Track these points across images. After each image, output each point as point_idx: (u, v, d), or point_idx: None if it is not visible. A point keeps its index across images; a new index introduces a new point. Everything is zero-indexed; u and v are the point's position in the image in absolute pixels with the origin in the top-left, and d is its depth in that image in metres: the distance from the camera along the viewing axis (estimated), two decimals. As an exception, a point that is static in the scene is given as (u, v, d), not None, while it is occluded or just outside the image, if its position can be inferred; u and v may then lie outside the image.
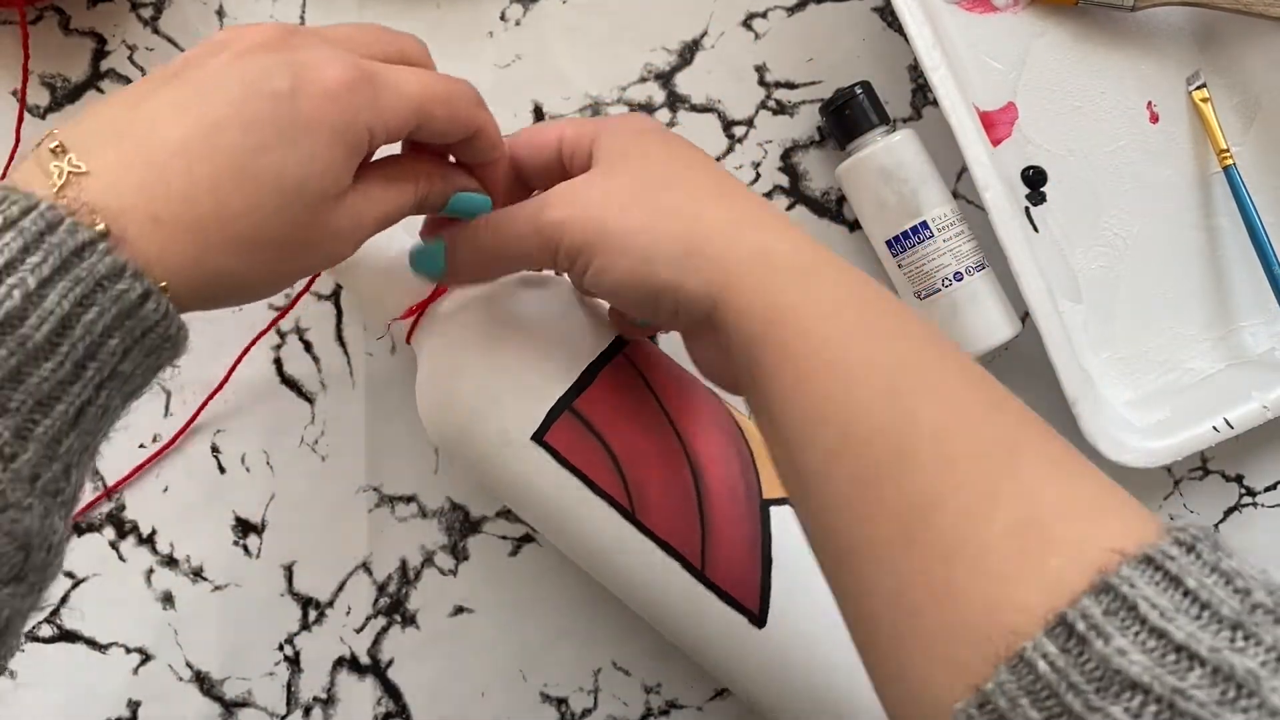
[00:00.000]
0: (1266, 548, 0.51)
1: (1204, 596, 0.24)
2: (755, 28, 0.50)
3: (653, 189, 0.35)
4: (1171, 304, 0.50)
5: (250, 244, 0.31)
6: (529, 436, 0.40)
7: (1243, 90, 0.50)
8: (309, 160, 0.31)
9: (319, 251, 0.33)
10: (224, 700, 0.51)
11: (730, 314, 0.33)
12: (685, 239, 0.34)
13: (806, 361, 0.31)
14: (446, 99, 0.35)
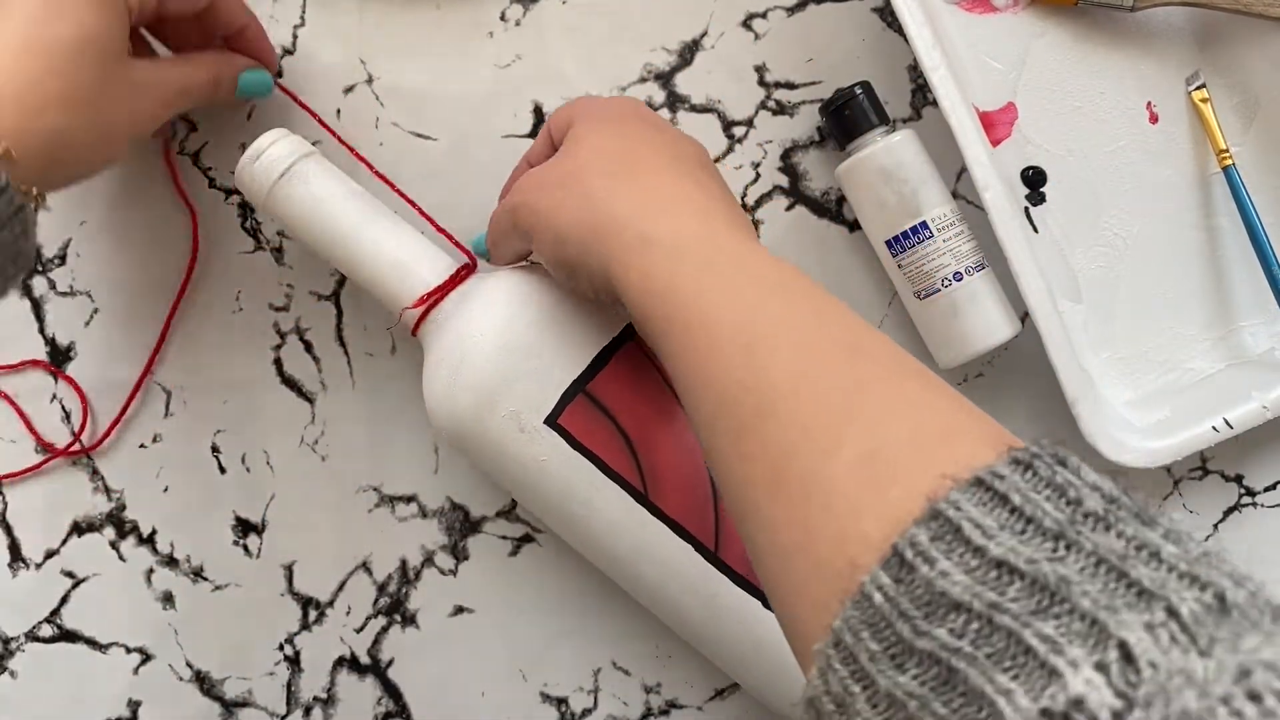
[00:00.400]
0: (1266, 548, 0.51)
1: (1029, 511, 0.24)
2: (755, 28, 0.50)
3: (586, 174, 0.38)
4: (1171, 304, 0.50)
5: (61, 100, 0.37)
6: (542, 420, 0.41)
7: (1242, 90, 0.50)
8: (79, 25, 0.38)
9: (128, 104, 0.40)
10: (224, 700, 0.51)
11: (623, 293, 0.36)
12: (589, 222, 0.37)
13: (683, 333, 0.33)
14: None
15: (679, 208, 0.37)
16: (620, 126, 0.40)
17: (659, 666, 0.51)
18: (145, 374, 0.50)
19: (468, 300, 0.42)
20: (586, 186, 0.38)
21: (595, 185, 0.38)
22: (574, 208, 0.38)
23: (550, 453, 0.41)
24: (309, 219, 0.43)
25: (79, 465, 0.50)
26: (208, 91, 0.44)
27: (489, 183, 0.50)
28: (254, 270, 0.50)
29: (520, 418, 0.41)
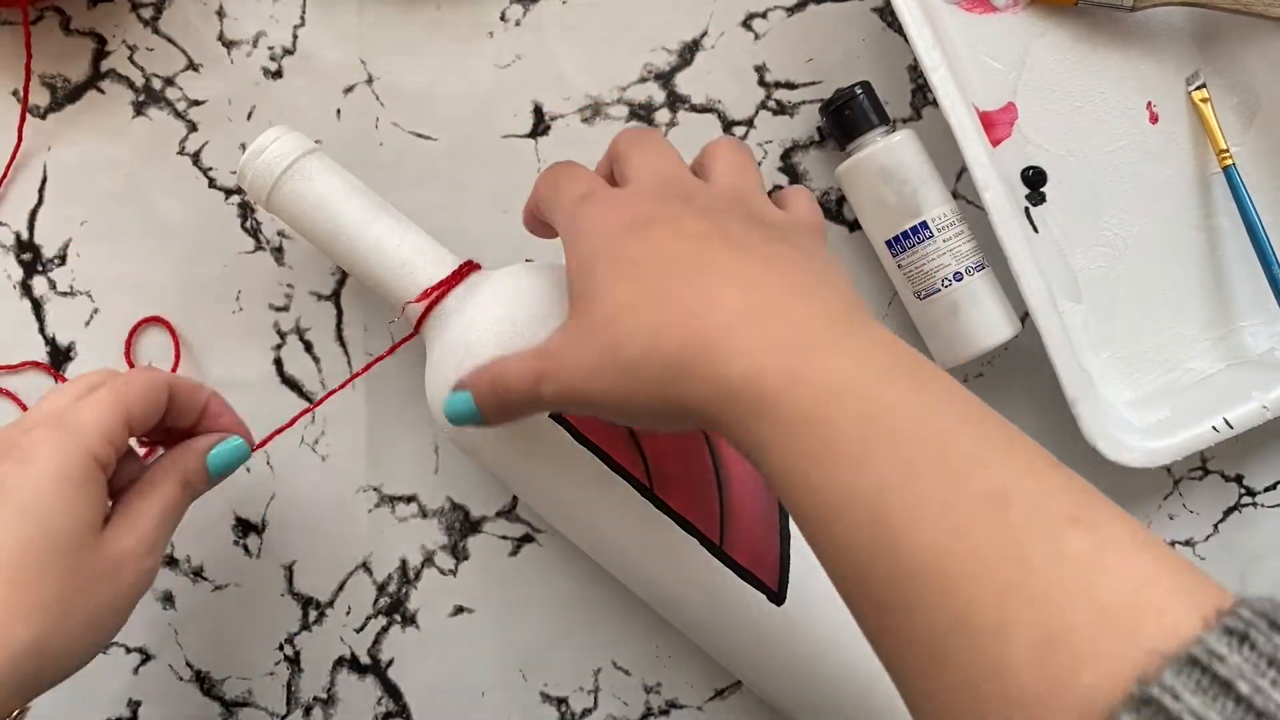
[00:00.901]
0: (1266, 548, 0.51)
1: (1259, 704, 0.21)
2: (755, 28, 0.50)
3: (616, 344, 0.32)
4: (1171, 304, 0.50)
5: (28, 614, 0.34)
6: (546, 414, 0.40)
7: (1243, 90, 0.50)
8: (42, 525, 0.34)
9: (109, 587, 0.36)
10: (224, 700, 0.51)
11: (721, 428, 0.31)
12: (661, 397, 0.32)
13: (793, 502, 0.29)
14: (125, 382, 0.38)
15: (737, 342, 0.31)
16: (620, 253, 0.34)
17: (659, 666, 0.51)
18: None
19: (472, 296, 0.42)
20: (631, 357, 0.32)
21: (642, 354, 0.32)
22: (636, 389, 0.32)
23: (554, 447, 0.41)
24: (312, 215, 0.43)
25: (79, 465, 0.50)
26: (186, 499, 0.40)
27: (489, 183, 0.50)
28: (254, 270, 0.50)
29: None
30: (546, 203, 0.38)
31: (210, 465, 0.41)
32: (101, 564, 0.36)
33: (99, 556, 0.36)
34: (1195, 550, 0.51)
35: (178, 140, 0.50)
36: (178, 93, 0.50)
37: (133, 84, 0.50)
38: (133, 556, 0.37)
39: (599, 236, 0.34)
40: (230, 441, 0.42)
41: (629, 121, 0.50)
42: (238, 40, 0.50)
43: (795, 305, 0.31)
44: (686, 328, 0.31)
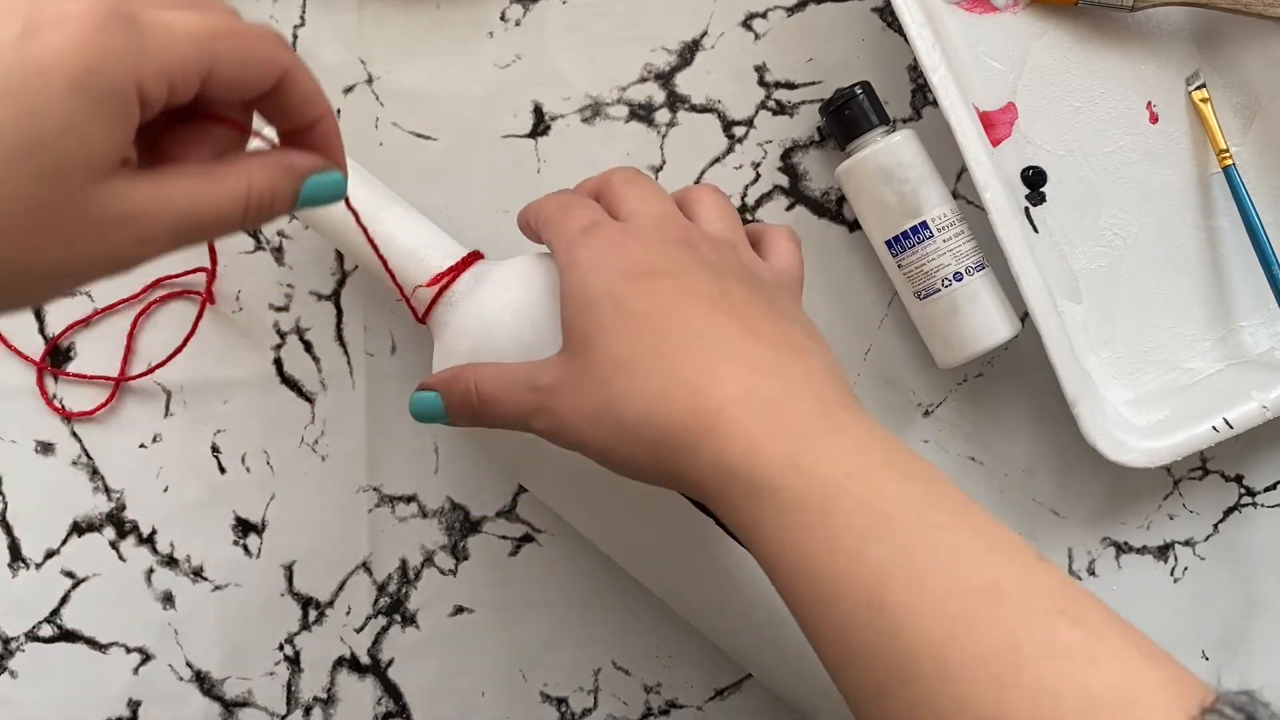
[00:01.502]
0: (1266, 548, 0.51)
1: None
2: (755, 28, 0.50)
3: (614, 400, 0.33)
4: (1171, 304, 0.50)
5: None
6: None
7: (1242, 90, 0.50)
8: (36, 117, 0.24)
9: (94, 244, 0.27)
10: (224, 700, 0.51)
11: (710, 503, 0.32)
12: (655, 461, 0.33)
13: (786, 583, 0.31)
14: (233, 31, 0.28)
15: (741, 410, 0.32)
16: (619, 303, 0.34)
17: (659, 666, 0.51)
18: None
19: (481, 283, 0.42)
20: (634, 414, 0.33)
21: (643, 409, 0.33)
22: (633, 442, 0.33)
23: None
24: (323, 210, 0.43)
25: (79, 465, 0.50)
26: (235, 218, 0.30)
27: (489, 183, 0.50)
28: (254, 270, 0.50)
29: None
30: (548, 223, 0.38)
31: (304, 190, 0.32)
32: (100, 208, 0.26)
33: (101, 197, 0.26)
34: (1195, 550, 0.51)
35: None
36: (178, 93, 0.50)
37: (133, 84, 0.50)
38: (117, 228, 0.27)
39: (601, 275, 0.35)
40: (333, 174, 0.32)
41: (629, 122, 0.50)
42: (238, 40, 0.50)
43: (794, 392, 0.32)
44: (688, 402, 0.32)
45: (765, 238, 0.40)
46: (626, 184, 0.39)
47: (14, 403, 0.50)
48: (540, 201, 0.40)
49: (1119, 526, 0.51)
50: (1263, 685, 0.51)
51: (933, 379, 0.50)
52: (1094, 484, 0.51)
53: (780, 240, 0.40)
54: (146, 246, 0.28)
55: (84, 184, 0.26)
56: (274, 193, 0.30)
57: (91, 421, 0.50)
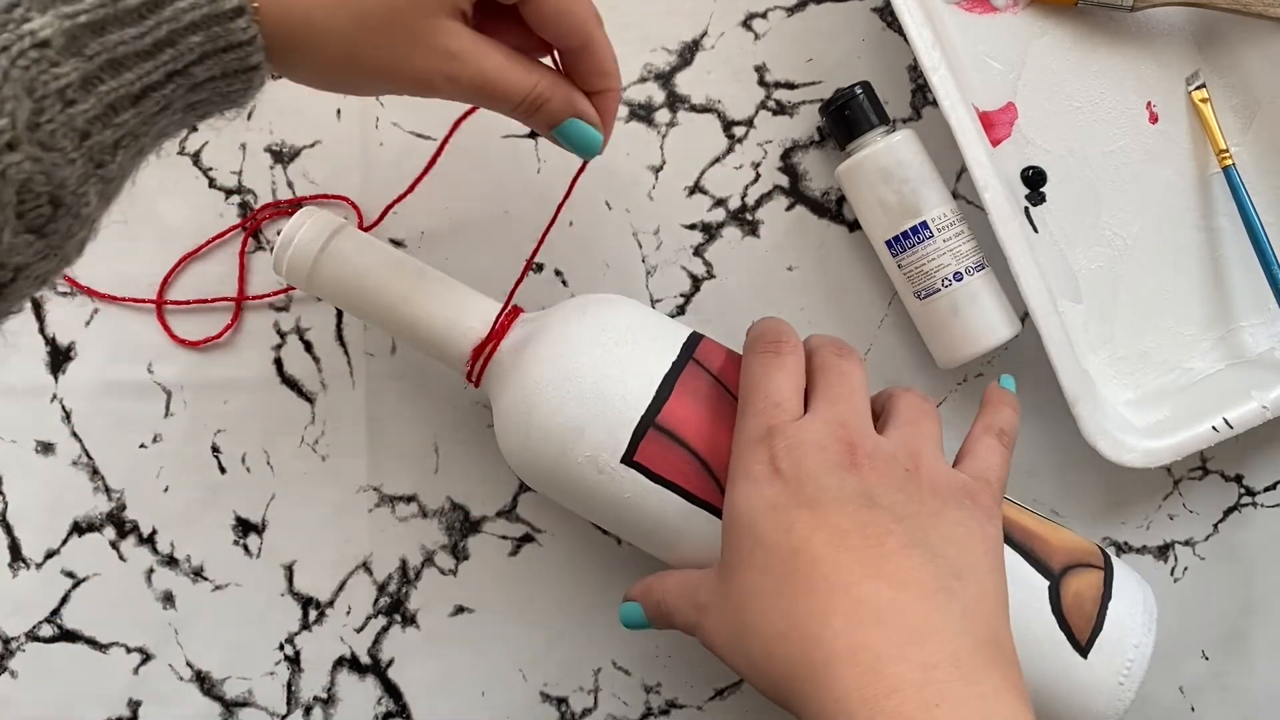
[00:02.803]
0: (1266, 548, 0.51)
1: None
2: (755, 28, 0.50)
3: (744, 632, 0.35)
4: (1171, 304, 0.50)
5: (350, 5, 0.32)
6: (618, 460, 0.40)
7: (1242, 90, 0.50)
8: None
9: (407, 56, 0.34)
10: (224, 700, 0.51)
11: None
12: (775, 695, 0.35)
13: None
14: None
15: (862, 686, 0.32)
16: (778, 544, 0.36)
17: (659, 666, 0.51)
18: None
19: (523, 351, 0.42)
20: (765, 650, 0.35)
21: (780, 649, 0.34)
22: (766, 673, 0.35)
23: (633, 489, 0.41)
24: (352, 296, 0.43)
25: (79, 465, 0.50)
26: (519, 106, 0.37)
27: (489, 183, 0.50)
28: (254, 270, 0.50)
29: (597, 461, 0.40)
30: (744, 388, 0.39)
31: (568, 126, 0.38)
32: (420, 37, 0.34)
33: (425, 30, 0.33)
34: (1195, 550, 0.51)
35: (177, 140, 0.50)
36: (178, 93, 0.50)
37: (133, 84, 0.50)
38: (444, 57, 0.34)
39: (750, 502, 0.37)
40: (597, 133, 0.39)
41: (629, 122, 0.50)
42: (238, 40, 0.50)
43: (901, 653, 0.33)
44: (800, 650, 0.34)
45: (970, 439, 0.40)
46: (828, 369, 0.39)
47: (15, 402, 0.50)
48: (754, 344, 0.40)
49: (1119, 526, 0.51)
50: (1262, 685, 0.51)
51: (933, 379, 0.50)
52: (1094, 484, 0.51)
53: (980, 442, 0.40)
54: (450, 85, 0.35)
55: (434, 12, 0.33)
56: (548, 103, 0.37)
57: (93, 421, 0.50)
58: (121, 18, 0.28)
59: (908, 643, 0.33)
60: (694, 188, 0.50)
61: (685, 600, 0.39)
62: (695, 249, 0.50)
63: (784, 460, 0.36)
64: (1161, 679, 0.51)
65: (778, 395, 0.38)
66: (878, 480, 0.36)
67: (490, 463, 0.50)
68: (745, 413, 0.39)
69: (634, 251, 0.50)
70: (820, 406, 0.38)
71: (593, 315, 0.42)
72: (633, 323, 0.42)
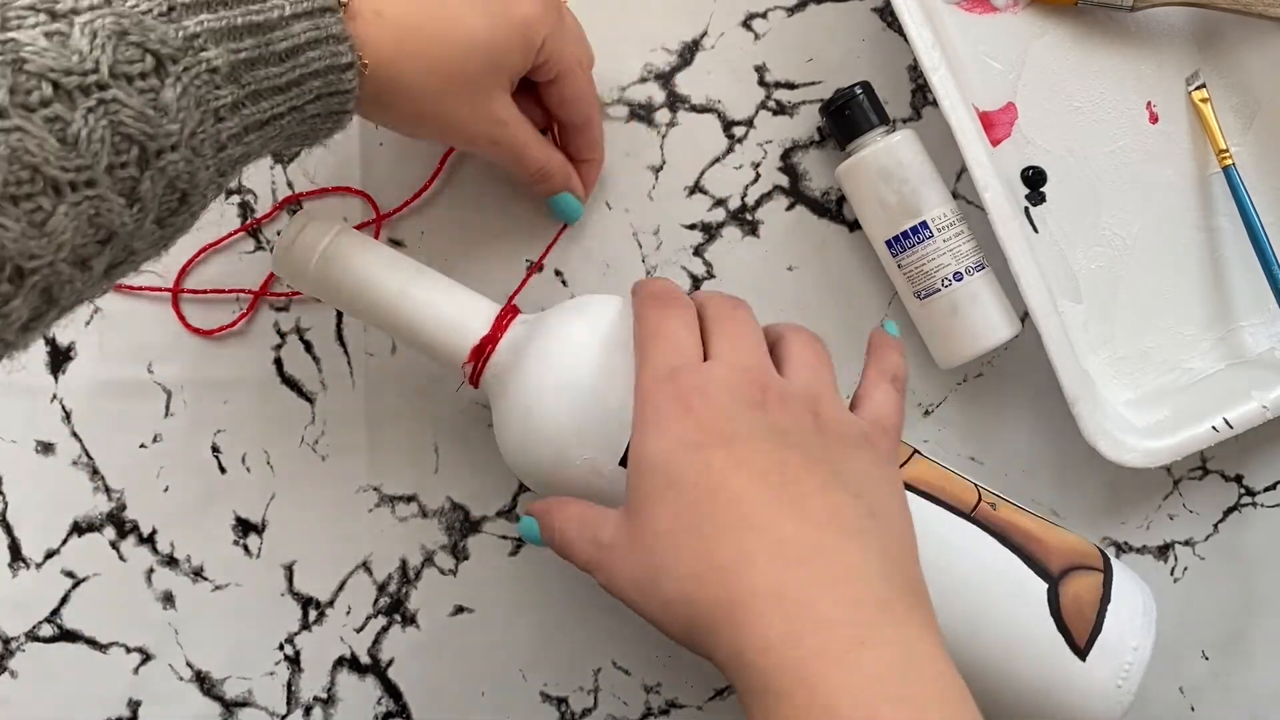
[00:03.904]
0: (1266, 548, 0.51)
1: None
2: (755, 28, 0.50)
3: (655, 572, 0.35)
4: (1171, 304, 0.50)
5: (429, 65, 0.38)
6: (617, 463, 0.40)
7: (1242, 90, 0.50)
8: (497, 34, 0.39)
9: (468, 118, 0.41)
10: (224, 700, 0.51)
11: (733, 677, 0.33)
12: (687, 636, 0.34)
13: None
14: (590, 72, 0.45)
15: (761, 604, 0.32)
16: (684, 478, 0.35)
17: (659, 666, 0.51)
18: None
19: (524, 351, 0.42)
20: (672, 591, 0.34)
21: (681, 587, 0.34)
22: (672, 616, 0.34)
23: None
24: (351, 297, 0.43)
25: (79, 465, 0.50)
26: (532, 174, 0.45)
27: (489, 182, 0.50)
28: (254, 270, 0.50)
29: (595, 464, 0.40)
30: (641, 342, 0.39)
31: (557, 200, 0.48)
32: (479, 101, 0.41)
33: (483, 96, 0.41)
34: (1195, 550, 0.51)
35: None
36: (178, 93, 0.50)
37: (133, 84, 0.50)
38: (491, 122, 0.42)
39: (660, 442, 0.36)
40: (577, 204, 0.48)
41: (629, 122, 0.50)
42: (238, 40, 0.50)
43: (826, 591, 0.32)
44: (720, 589, 0.33)
45: (863, 385, 0.40)
46: (723, 318, 0.39)
47: (15, 402, 0.50)
48: (645, 300, 0.40)
49: (1119, 526, 0.51)
50: (1263, 685, 0.51)
51: (933, 379, 0.50)
52: (1094, 484, 0.51)
53: (876, 389, 0.40)
54: (492, 147, 0.43)
55: (497, 84, 0.41)
56: (552, 177, 0.46)
57: (93, 421, 0.50)
58: (269, 58, 0.33)
59: (832, 581, 0.33)
60: (694, 188, 0.50)
61: (585, 537, 0.38)
62: (695, 249, 0.50)
63: (694, 398, 0.36)
64: (1161, 679, 0.51)
65: (677, 338, 0.38)
66: (790, 421, 0.36)
67: (490, 463, 0.50)
68: (647, 356, 0.38)
69: (634, 251, 0.50)
70: (723, 350, 0.38)
71: (592, 317, 0.42)
72: (630, 324, 0.42)
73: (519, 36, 0.40)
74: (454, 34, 0.39)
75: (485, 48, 0.39)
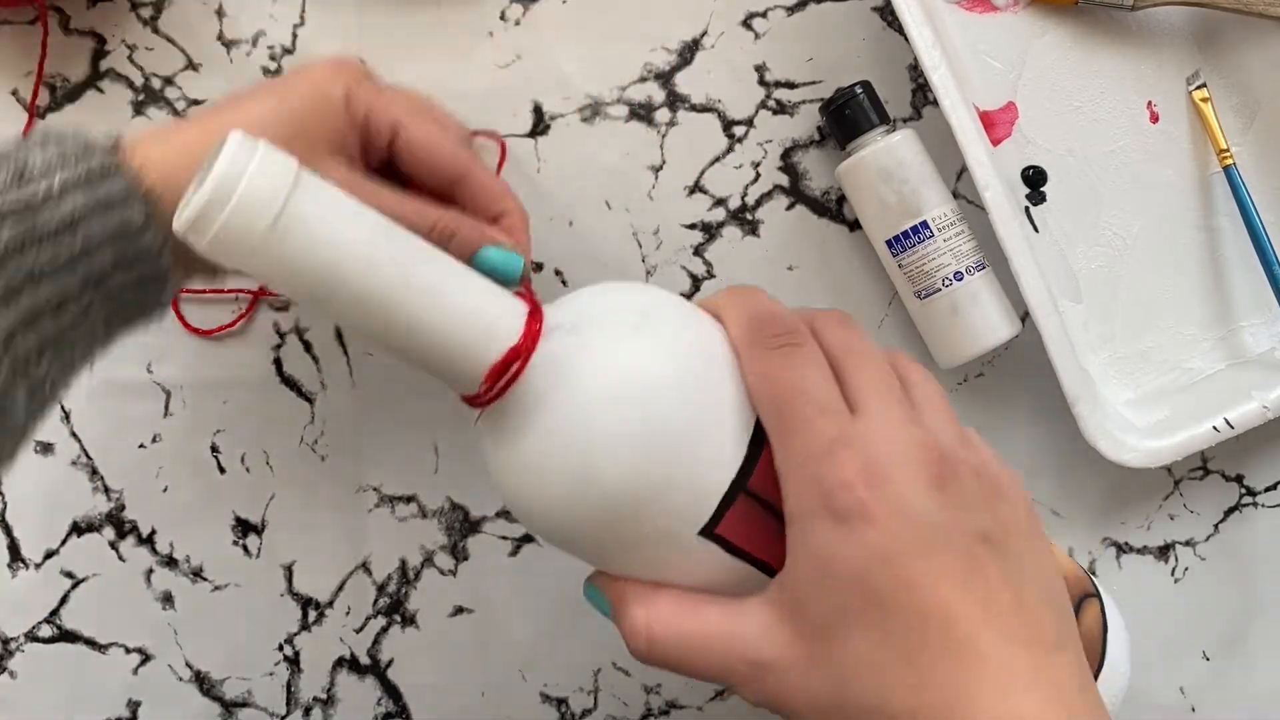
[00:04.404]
0: (1266, 548, 0.51)
1: None
2: (755, 28, 0.50)
3: (846, 693, 0.30)
4: (1171, 304, 0.50)
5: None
6: (696, 532, 0.32)
7: (1243, 90, 0.50)
8: (285, 103, 0.36)
9: None
10: (224, 700, 0.51)
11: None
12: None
13: None
14: (436, 120, 0.38)
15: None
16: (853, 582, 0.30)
17: (659, 666, 0.51)
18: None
19: (569, 375, 0.31)
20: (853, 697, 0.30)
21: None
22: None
23: (703, 564, 0.33)
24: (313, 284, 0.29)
25: (79, 465, 0.50)
26: (433, 238, 0.33)
27: (489, 182, 0.50)
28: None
29: (673, 533, 0.32)
30: (773, 414, 0.32)
31: (483, 255, 0.38)
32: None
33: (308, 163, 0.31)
34: (1196, 550, 0.51)
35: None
36: (177, 92, 0.50)
37: (132, 83, 0.50)
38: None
39: (850, 548, 0.30)
40: (514, 256, 0.38)
41: (629, 121, 0.50)
42: (237, 40, 0.50)
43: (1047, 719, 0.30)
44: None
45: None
46: (851, 351, 0.33)
47: (14, 403, 0.50)
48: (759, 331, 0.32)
49: (1119, 526, 0.51)
50: (1263, 685, 0.51)
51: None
52: (1094, 484, 0.51)
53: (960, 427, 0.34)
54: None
55: (315, 157, 0.36)
56: (455, 235, 0.38)
57: (93, 421, 0.50)
58: (39, 240, 0.30)
59: (1050, 706, 0.30)
60: (694, 187, 0.50)
61: (719, 649, 0.32)
62: (695, 249, 0.50)
63: (870, 489, 0.30)
64: (1162, 679, 0.51)
65: (821, 396, 0.31)
66: (970, 499, 0.31)
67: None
68: (788, 426, 0.31)
69: (634, 251, 0.50)
70: (870, 403, 0.32)
71: (666, 335, 0.32)
72: (707, 343, 0.32)
73: (314, 98, 0.37)
74: (244, 126, 0.30)
75: (276, 123, 0.36)
